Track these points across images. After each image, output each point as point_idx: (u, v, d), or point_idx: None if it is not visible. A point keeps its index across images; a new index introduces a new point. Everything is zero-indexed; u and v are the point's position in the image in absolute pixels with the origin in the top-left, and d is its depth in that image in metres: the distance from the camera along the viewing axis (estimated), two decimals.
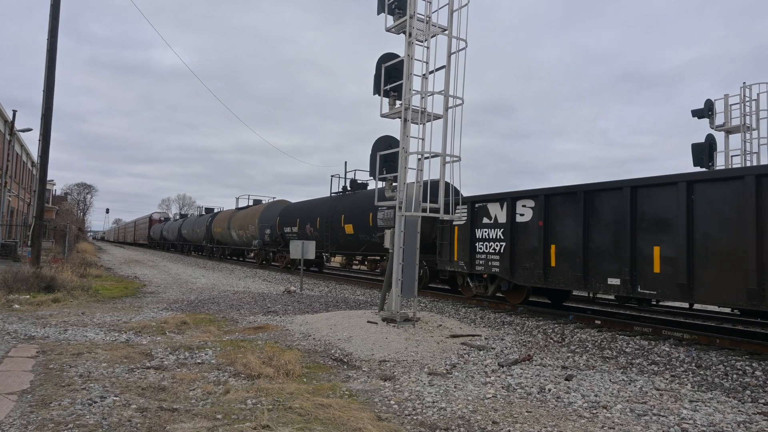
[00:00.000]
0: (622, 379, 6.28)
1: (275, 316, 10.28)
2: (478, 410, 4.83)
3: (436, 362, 6.90)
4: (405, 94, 9.84)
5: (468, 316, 11.03)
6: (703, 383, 6.25)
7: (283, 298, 13.27)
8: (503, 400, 5.23)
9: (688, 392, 5.79)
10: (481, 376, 6.23)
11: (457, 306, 12.54)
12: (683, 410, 5.00)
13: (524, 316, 10.90)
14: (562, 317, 10.53)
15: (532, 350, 7.76)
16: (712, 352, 7.42)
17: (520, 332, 9.36)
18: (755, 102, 16.39)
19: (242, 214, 30.16)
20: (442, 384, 5.75)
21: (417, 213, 9.58)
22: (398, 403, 4.99)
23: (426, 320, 9.48)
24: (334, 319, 9.38)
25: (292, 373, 5.83)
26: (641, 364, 7.12)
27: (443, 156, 9.71)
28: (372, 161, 10.81)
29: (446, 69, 9.57)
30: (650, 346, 7.88)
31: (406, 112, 9.80)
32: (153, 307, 11.17)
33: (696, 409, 5.07)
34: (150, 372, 5.77)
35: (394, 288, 9.42)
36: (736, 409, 5.17)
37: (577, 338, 8.65)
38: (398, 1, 10.08)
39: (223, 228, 33.08)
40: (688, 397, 5.56)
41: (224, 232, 32.78)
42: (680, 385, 6.14)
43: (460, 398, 5.21)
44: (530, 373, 6.35)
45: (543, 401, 5.23)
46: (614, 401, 5.25)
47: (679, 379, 6.40)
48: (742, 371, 6.57)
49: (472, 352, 7.52)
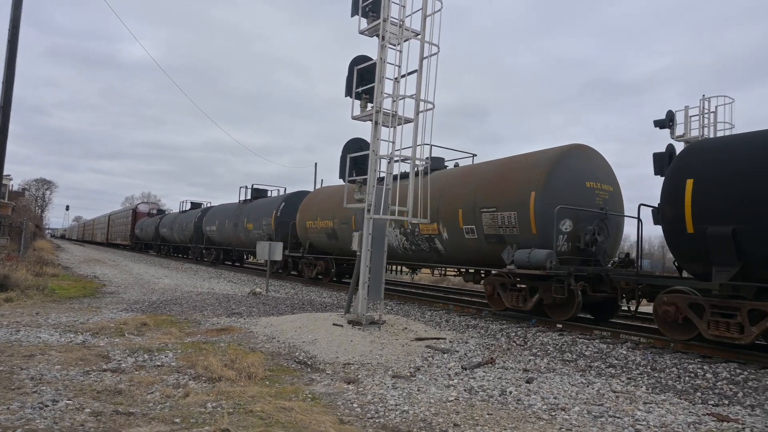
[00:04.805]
0: (580, 381, 6.43)
1: (239, 318, 10.14)
2: (440, 413, 4.87)
3: (401, 365, 6.92)
4: (376, 97, 9.86)
5: (434, 319, 11.11)
6: (658, 385, 6.46)
7: (248, 299, 13.10)
8: (465, 402, 5.28)
9: (643, 394, 5.97)
10: (444, 378, 6.28)
11: (423, 309, 12.62)
12: (638, 412, 5.15)
13: (488, 319, 11.05)
14: (525, 321, 10.72)
15: (495, 353, 7.87)
16: (666, 356, 7.68)
17: (484, 335, 9.49)
18: (713, 114, 17.05)
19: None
20: (406, 387, 5.77)
21: (386, 216, 9.61)
22: (361, 406, 4.99)
23: (392, 323, 9.50)
24: (299, 321, 9.31)
25: (254, 376, 5.76)
26: (599, 367, 7.31)
27: (413, 159, 9.78)
28: (342, 163, 10.80)
29: (418, 73, 9.63)
30: (608, 349, 8.10)
31: (377, 115, 9.83)
32: (112, 308, 10.86)
33: (649, 410, 5.24)
34: (106, 375, 5.61)
35: (360, 290, 9.41)
36: (687, 410, 5.36)
37: (539, 341, 8.81)
38: (372, 4, 10.10)
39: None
40: (643, 398, 5.74)
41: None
42: (636, 387, 6.32)
43: (423, 401, 5.24)
44: (492, 376, 6.44)
45: (504, 403, 5.31)
46: (572, 403, 5.37)
47: (635, 382, 6.60)
48: (693, 374, 6.81)
49: (437, 355, 7.58)
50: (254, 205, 24.29)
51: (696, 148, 8.29)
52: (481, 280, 12.42)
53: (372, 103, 10.07)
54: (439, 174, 13.54)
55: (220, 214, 27.94)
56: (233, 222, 25.49)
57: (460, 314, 11.78)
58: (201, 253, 31.62)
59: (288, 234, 20.12)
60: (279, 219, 21.17)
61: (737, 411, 5.49)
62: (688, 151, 8.35)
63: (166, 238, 38.93)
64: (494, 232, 11.22)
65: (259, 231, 22.62)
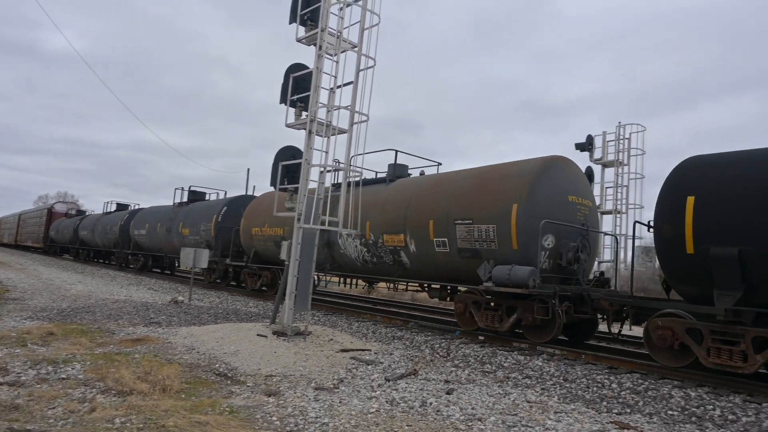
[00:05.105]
0: (498, 392, 6.66)
1: (157, 328, 9.69)
2: (360, 425, 4.88)
3: (324, 377, 6.88)
4: (311, 106, 9.84)
5: (360, 330, 11.13)
6: (568, 395, 6.81)
7: (168, 308, 12.54)
8: (386, 414, 5.33)
9: (555, 404, 6.27)
10: (367, 390, 6.31)
11: (350, 320, 12.61)
12: (548, 421, 5.41)
13: (414, 331, 11.21)
14: (449, 333, 10.97)
15: (418, 365, 8.00)
16: (578, 367, 8.11)
17: (409, 347, 9.62)
18: (627, 140, 18.38)
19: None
20: (328, 399, 5.74)
21: (316, 226, 9.57)
22: (280, 419, 4.91)
23: (318, 334, 9.43)
24: (221, 331, 9.03)
25: (169, 389, 5.52)
26: (516, 378, 7.61)
27: (347, 170, 9.83)
28: (274, 170, 10.66)
29: (354, 85, 9.74)
30: (526, 360, 8.45)
31: (311, 124, 9.80)
32: (15, 316, 10.05)
33: (559, 419, 5.51)
34: (3, 388, 5.19)
35: (287, 301, 9.28)
36: (593, 418, 5.69)
37: (462, 353, 9.05)
38: (311, 13, 10.10)
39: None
40: (554, 408, 6.02)
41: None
42: (548, 397, 6.63)
43: (344, 413, 5.23)
44: (414, 387, 6.54)
45: (424, 414, 5.40)
46: (489, 413, 5.55)
47: (548, 392, 6.92)
48: (601, 384, 7.24)
49: (361, 366, 7.60)
50: (192, 209, 22.59)
51: (695, 164, 7.82)
52: (448, 297, 11.67)
53: (307, 112, 10.04)
54: (407, 182, 12.92)
55: (152, 217, 26.23)
56: (166, 226, 23.77)
57: (387, 325, 11.87)
58: (127, 259, 29.22)
59: (230, 241, 18.77)
60: (220, 224, 19.79)
61: (638, 419, 5.89)
62: (685, 166, 7.90)
63: (86, 242, 35.93)
64: (469, 246, 10.52)
65: (196, 237, 21.12)
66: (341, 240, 13.61)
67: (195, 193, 24.52)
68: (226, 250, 18.76)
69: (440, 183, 11.82)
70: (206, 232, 20.44)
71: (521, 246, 9.68)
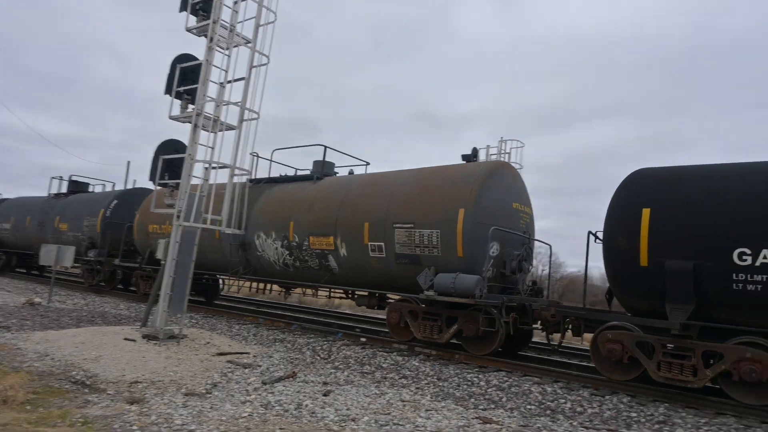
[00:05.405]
0: (375, 392, 6.80)
1: (5, 333, 8.63)
2: (230, 430, 4.73)
3: (197, 382, 6.57)
4: (198, 99, 9.41)
5: (241, 333, 10.79)
6: (440, 393, 7.13)
7: (22, 311, 11.24)
8: (259, 418, 5.21)
9: (427, 402, 6.54)
10: (242, 394, 6.13)
11: (231, 322, 12.18)
12: (419, 419, 5.63)
13: (297, 333, 11.10)
14: (332, 335, 11.01)
15: (298, 367, 7.93)
16: (451, 366, 8.53)
17: (291, 349, 9.50)
18: (508, 155, 19.73)
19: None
20: (198, 405, 5.49)
21: (197, 224, 9.14)
22: (142, 429, 4.60)
23: (193, 337, 8.99)
24: (83, 335, 8.27)
25: (11, 400, 4.94)
26: (393, 378, 7.83)
27: (233, 168, 9.50)
28: (154, 164, 10.03)
29: (246, 81, 9.48)
30: (403, 361, 8.72)
31: (197, 118, 9.37)
32: None
33: (429, 417, 5.76)
34: None
35: (161, 302, 8.74)
36: (461, 414, 6.02)
37: (343, 355, 9.12)
38: (203, 3, 9.66)
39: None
40: (426, 406, 6.28)
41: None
42: (422, 396, 6.90)
43: (214, 419, 5.04)
44: (292, 390, 6.47)
45: (298, 417, 5.36)
46: (363, 413, 5.65)
47: (422, 391, 7.20)
48: (470, 382, 7.68)
49: (237, 370, 7.37)
50: (72, 201, 19.74)
51: (651, 176, 7.68)
52: (377, 305, 10.94)
53: (193, 105, 9.58)
54: (339, 180, 11.99)
55: (20, 209, 22.36)
56: (39, 220, 20.49)
57: (269, 328, 11.62)
58: None
59: (120, 239, 16.37)
60: (108, 220, 17.23)
61: (500, 413, 6.33)
62: (639, 178, 7.74)
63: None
64: (409, 251, 9.76)
65: (77, 233, 18.37)
66: (259, 241, 12.35)
67: (77, 184, 21.39)
68: (115, 249, 16.59)
69: (378, 183, 10.94)
70: (90, 227, 17.80)
71: (466, 253, 9.12)
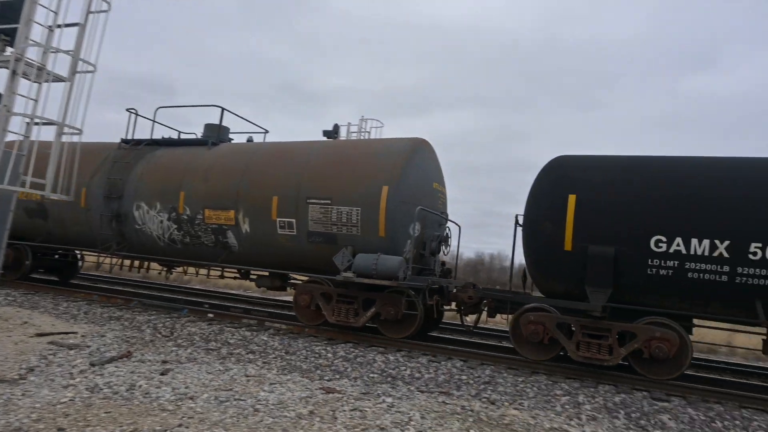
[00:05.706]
0: (218, 369, 6.60)
1: None
2: (43, 418, 4.27)
3: (8, 367, 5.80)
4: (19, 41, 8.10)
5: (69, 311, 9.73)
6: (287, 367, 7.17)
7: None
8: (81, 403, 4.78)
9: (273, 376, 6.53)
10: (64, 378, 5.56)
11: (58, 300, 10.91)
12: (261, 393, 5.60)
13: (137, 310, 10.33)
14: (177, 311, 10.43)
15: (134, 346, 7.39)
16: (300, 340, 8.61)
17: (128, 327, 8.82)
18: (368, 134, 20.12)
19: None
20: (7, 392, 4.87)
21: (12, 187, 7.95)
22: None
23: (7, 317, 7.91)
24: None
25: None
26: (240, 354, 7.68)
27: (61, 125, 8.40)
28: None
29: (81, 28, 8.39)
30: (252, 336, 8.59)
31: (16, 63, 8.07)
32: None
33: (272, 390, 5.76)
34: None
35: None
36: (305, 386, 6.11)
37: (187, 332, 8.71)
38: None
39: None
40: (271, 380, 6.26)
41: None
42: (268, 370, 6.87)
43: (25, 407, 4.50)
44: (125, 371, 6.02)
45: (129, 399, 5.02)
46: (203, 391, 5.46)
47: (269, 365, 7.17)
48: (318, 354, 7.84)
49: (61, 351, 6.65)
50: None
51: (576, 164, 7.89)
52: (281, 286, 10.18)
53: (12, 48, 8.24)
54: (239, 147, 10.81)
55: None
56: None
57: (104, 305, 10.64)
58: None
59: None
60: None
61: (344, 383, 6.55)
62: (564, 164, 7.93)
63: None
64: (323, 229, 9.11)
65: None
66: (139, 213, 10.96)
67: None
68: None
69: (288, 153, 9.97)
70: None
71: (388, 233, 8.70)
